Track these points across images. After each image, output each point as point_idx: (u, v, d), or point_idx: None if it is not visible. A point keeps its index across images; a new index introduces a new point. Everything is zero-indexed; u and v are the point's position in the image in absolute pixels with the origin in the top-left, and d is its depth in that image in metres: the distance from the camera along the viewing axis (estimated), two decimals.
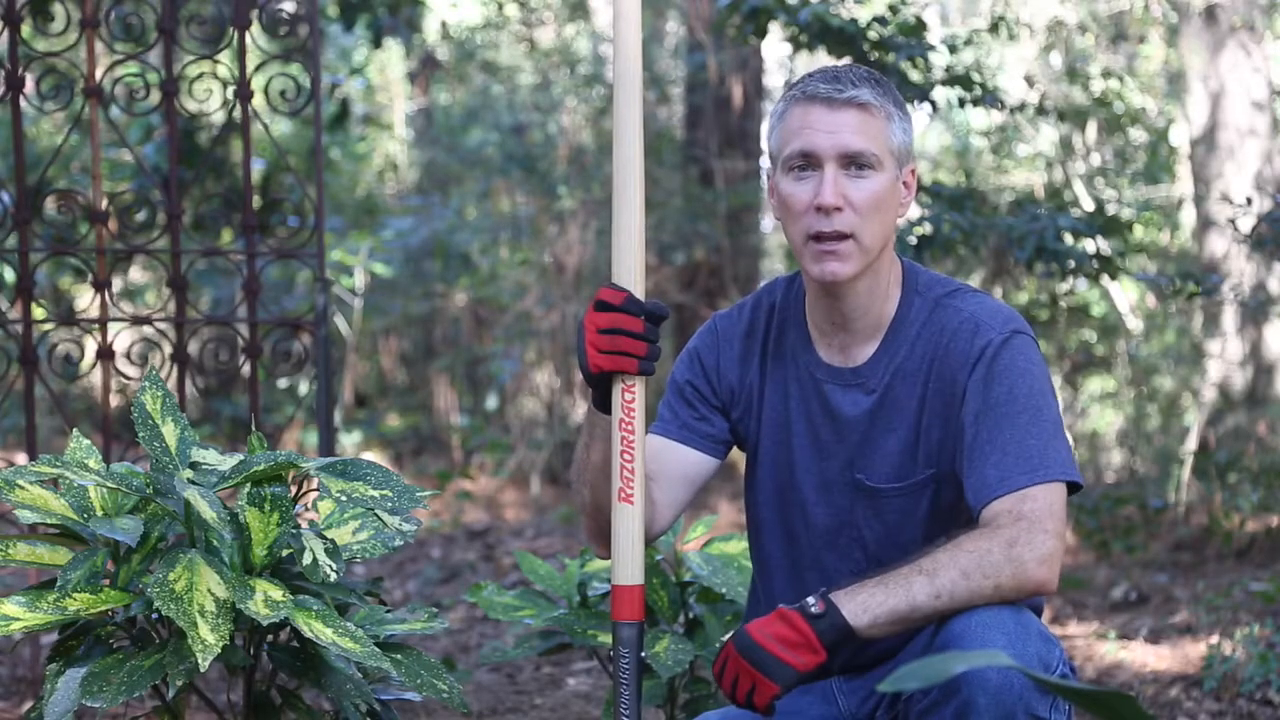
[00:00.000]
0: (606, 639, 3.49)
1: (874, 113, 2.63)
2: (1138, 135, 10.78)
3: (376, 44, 9.13)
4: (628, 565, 2.59)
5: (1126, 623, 5.65)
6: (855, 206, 2.61)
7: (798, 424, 2.79)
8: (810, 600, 2.49)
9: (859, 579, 2.53)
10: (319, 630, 2.67)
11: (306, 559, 2.77)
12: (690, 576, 3.56)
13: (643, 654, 2.56)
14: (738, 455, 2.93)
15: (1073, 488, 2.60)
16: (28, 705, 3.85)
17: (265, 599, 2.66)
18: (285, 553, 2.83)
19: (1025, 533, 2.50)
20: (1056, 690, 1.75)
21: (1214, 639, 4.89)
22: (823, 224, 2.62)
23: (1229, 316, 8.78)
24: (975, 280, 8.58)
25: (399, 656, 2.91)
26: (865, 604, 2.47)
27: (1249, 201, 6.14)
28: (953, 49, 6.19)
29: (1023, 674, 2.39)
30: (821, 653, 2.46)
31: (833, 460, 2.76)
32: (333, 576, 2.78)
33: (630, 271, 2.63)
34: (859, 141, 2.61)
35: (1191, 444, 8.07)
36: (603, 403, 2.70)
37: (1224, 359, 8.82)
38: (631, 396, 2.63)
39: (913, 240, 5.62)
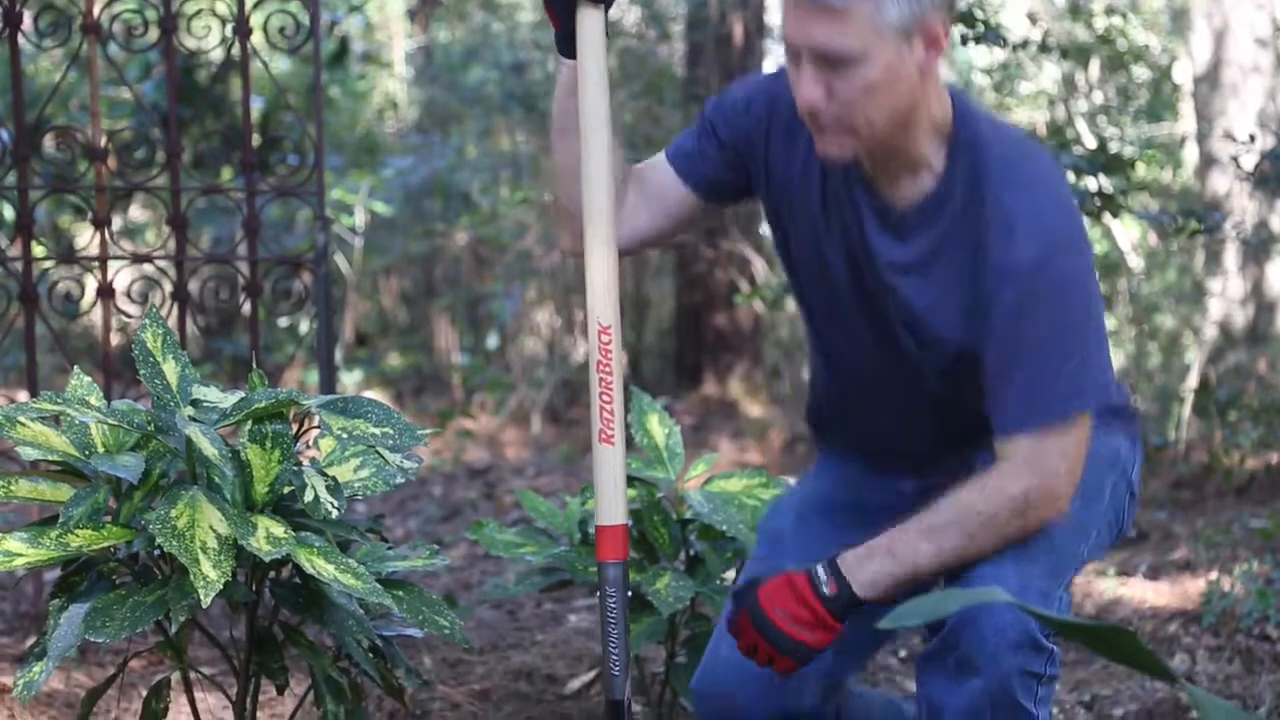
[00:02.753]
0: None
1: (852, 7, 2.40)
2: (1141, 73, 10.74)
3: None
4: (611, 505, 2.59)
5: (1126, 560, 5.67)
6: (841, 99, 2.45)
7: (833, 243, 2.69)
8: (821, 575, 2.52)
9: (871, 533, 2.56)
10: (321, 567, 2.68)
11: (308, 496, 2.77)
12: (691, 514, 3.57)
13: (629, 593, 2.57)
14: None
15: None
16: (31, 640, 3.87)
17: (267, 535, 2.67)
18: (287, 490, 2.84)
19: (1037, 491, 2.50)
20: (1058, 627, 1.75)
21: (1213, 575, 4.91)
22: (808, 119, 2.51)
23: (1231, 254, 8.78)
24: None
25: (400, 593, 2.92)
26: (874, 578, 2.51)
27: (1252, 139, 6.12)
28: None
29: (1021, 617, 2.41)
30: (836, 627, 2.51)
31: (860, 291, 2.69)
32: (334, 514, 2.79)
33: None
34: (833, 41, 2.41)
35: (1192, 382, 8.07)
36: (568, 48, 2.65)
37: (1225, 297, 8.82)
38: (609, 338, 2.63)
39: None
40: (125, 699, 3.77)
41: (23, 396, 2.91)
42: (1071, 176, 5.75)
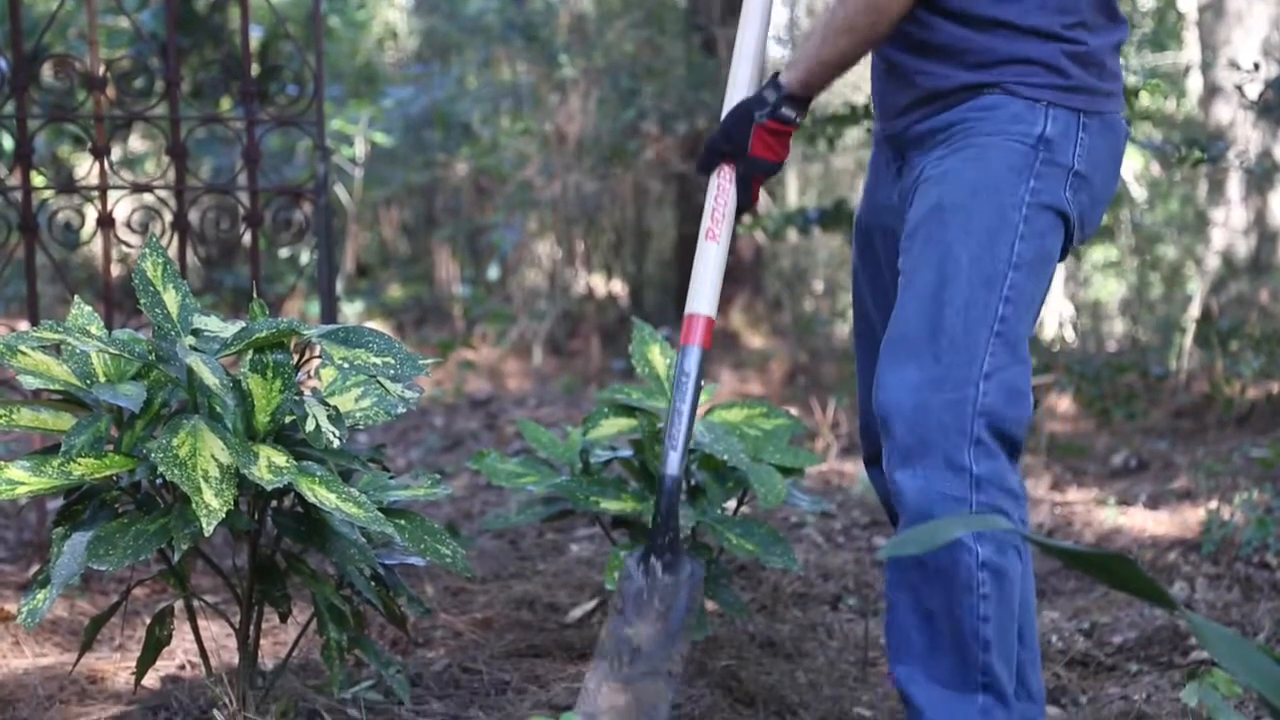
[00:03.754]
0: (608, 505, 3.51)
1: None
2: (1145, 1, 10.67)
3: None
4: (702, 296, 2.77)
5: (1126, 489, 5.69)
6: None
7: None
8: (769, 98, 2.77)
9: None
10: (322, 496, 2.69)
11: (309, 425, 2.78)
12: (692, 444, 3.57)
13: (700, 382, 2.78)
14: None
15: None
16: (34, 569, 3.89)
17: (269, 464, 2.67)
18: (288, 420, 2.84)
19: None
20: (1057, 554, 1.75)
21: (1213, 504, 4.93)
22: None
23: (1234, 184, 8.75)
24: None
25: (402, 522, 2.93)
26: (800, 77, 2.75)
27: (1256, 67, 6.08)
28: None
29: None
30: (793, 129, 2.80)
31: None
32: (336, 443, 2.80)
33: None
34: None
35: (1194, 312, 8.07)
36: None
37: (1228, 227, 8.80)
38: (725, 190, 2.82)
39: None
40: (129, 627, 3.79)
41: (24, 326, 2.91)
42: None
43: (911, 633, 2.58)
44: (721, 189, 2.81)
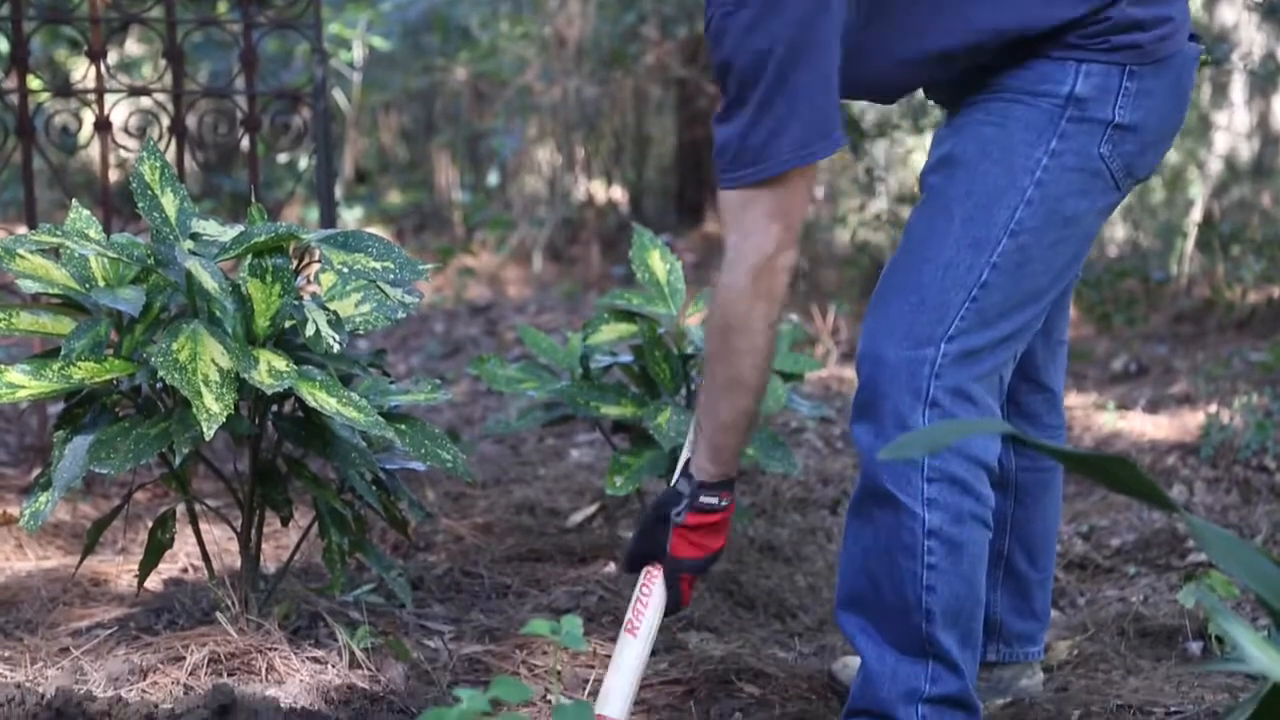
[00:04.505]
0: (608, 410, 3.52)
1: None
2: None
3: None
4: (612, 698, 2.58)
5: (1125, 393, 5.69)
6: None
7: None
8: (684, 494, 2.63)
9: None
10: (323, 400, 2.69)
11: (309, 330, 2.77)
12: (692, 349, 3.57)
13: None
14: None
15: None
16: (36, 472, 3.90)
17: (269, 369, 2.67)
18: (288, 324, 2.84)
19: (719, 306, 2.54)
20: (1057, 457, 1.76)
21: (1212, 408, 4.93)
22: None
23: (1237, 87, 8.69)
24: None
25: (403, 426, 2.93)
26: (711, 457, 2.61)
27: None
28: None
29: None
30: (727, 511, 2.64)
31: None
32: (336, 348, 2.79)
33: None
34: None
35: (1195, 216, 8.04)
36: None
37: (1231, 130, 8.75)
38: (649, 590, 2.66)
39: None
40: (131, 530, 3.81)
41: (22, 231, 2.90)
42: None
43: (864, 589, 2.56)
44: (645, 586, 2.64)
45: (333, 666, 2.88)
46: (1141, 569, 3.83)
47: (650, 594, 2.62)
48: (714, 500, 2.61)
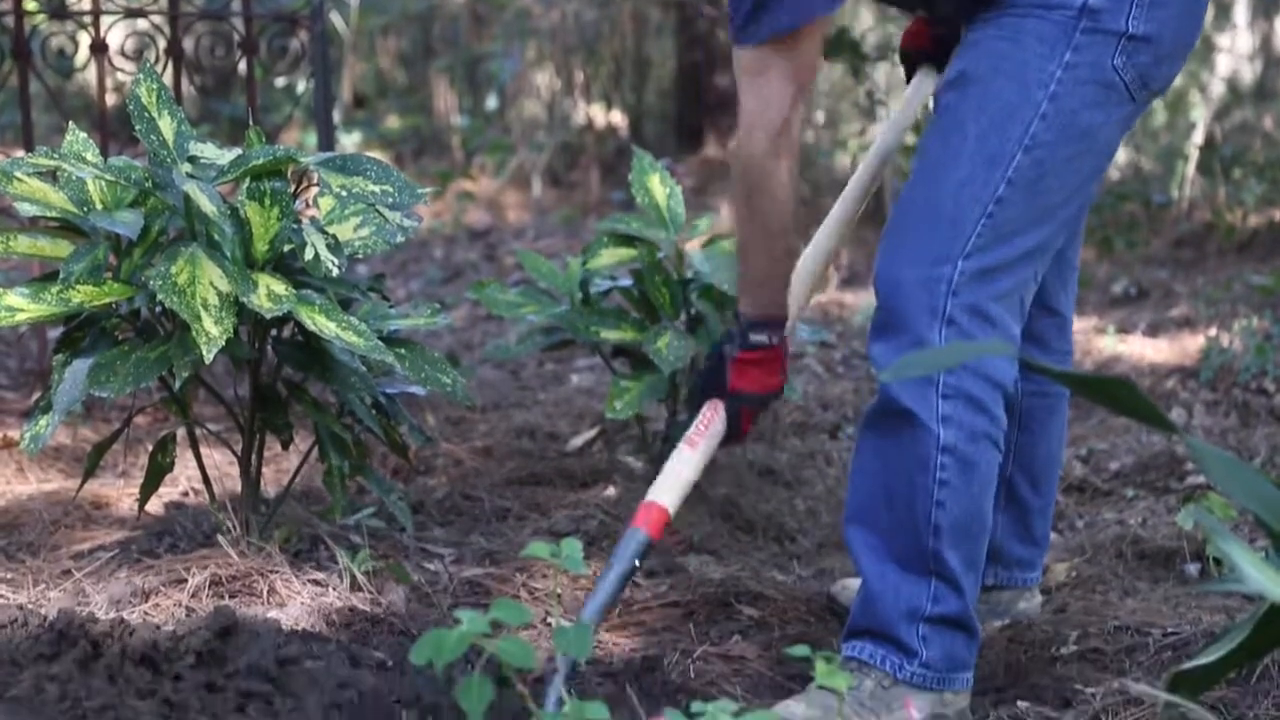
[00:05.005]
0: (608, 335, 3.51)
1: None
2: None
3: None
4: (663, 487, 2.64)
5: (1125, 317, 5.69)
6: None
7: None
8: (736, 339, 2.73)
9: None
10: (322, 324, 2.69)
11: (308, 254, 2.77)
12: (692, 274, 3.56)
13: (637, 561, 2.58)
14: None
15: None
16: (36, 395, 3.90)
17: (268, 293, 2.66)
18: (287, 248, 2.83)
19: (740, 172, 2.61)
20: (1059, 379, 1.76)
21: (1212, 331, 4.93)
22: None
23: (1240, 8, 8.64)
24: None
25: (402, 351, 2.93)
26: (750, 303, 2.72)
27: None
28: None
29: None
30: (778, 353, 2.73)
31: None
32: (335, 272, 2.79)
33: None
34: None
35: (1197, 139, 8.01)
36: None
37: (1233, 53, 8.70)
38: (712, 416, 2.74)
39: None
40: (132, 454, 3.81)
41: (19, 154, 2.89)
42: None
43: (874, 503, 2.57)
44: (705, 415, 2.73)
45: (333, 589, 2.89)
46: (1140, 492, 3.84)
47: (710, 422, 2.72)
48: (763, 338, 2.70)
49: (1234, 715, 2.51)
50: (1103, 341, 5.24)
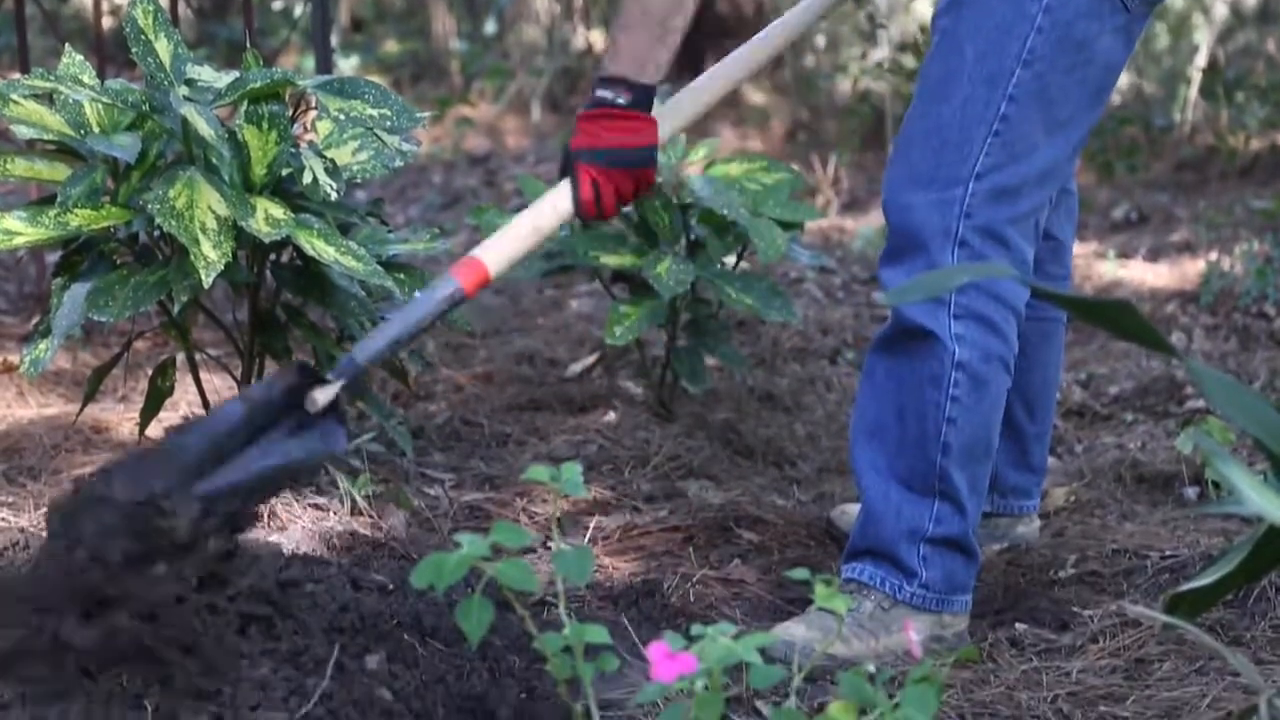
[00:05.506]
0: (608, 260, 3.51)
1: None
2: None
3: None
4: (488, 242, 2.48)
5: (1126, 242, 5.68)
6: None
7: None
8: (605, 94, 2.50)
9: None
10: (321, 249, 2.68)
11: (307, 178, 2.76)
12: (691, 199, 3.55)
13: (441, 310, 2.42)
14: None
15: None
16: (35, 319, 3.91)
17: (266, 217, 2.66)
18: (285, 172, 2.82)
19: None
20: (1059, 302, 1.76)
21: (1213, 256, 4.92)
22: None
23: None
24: None
25: (402, 276, 2.93)
26: (627, 55, 2.51)
27: None
28: None
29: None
30: (650, 119, 2.51)
31: None
32: (333, 196, 2.78)
33: None
34: None
35: (1200, 62, 7.96)
36: None
37: None
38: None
39: None
40: (131, 379, 3.82)
41: (15, 77, 2.88)
42: None
43: (883, 420, 2.57)
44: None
45: (334, 514, 2.90)
46: (1139, 416, 3.85)
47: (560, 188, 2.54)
48: (608, 94, 2.50)
49: (1231, 636, 2.52)
50: (1103, 266, 5.23)
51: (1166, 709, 2.29)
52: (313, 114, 2.99)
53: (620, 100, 2.50)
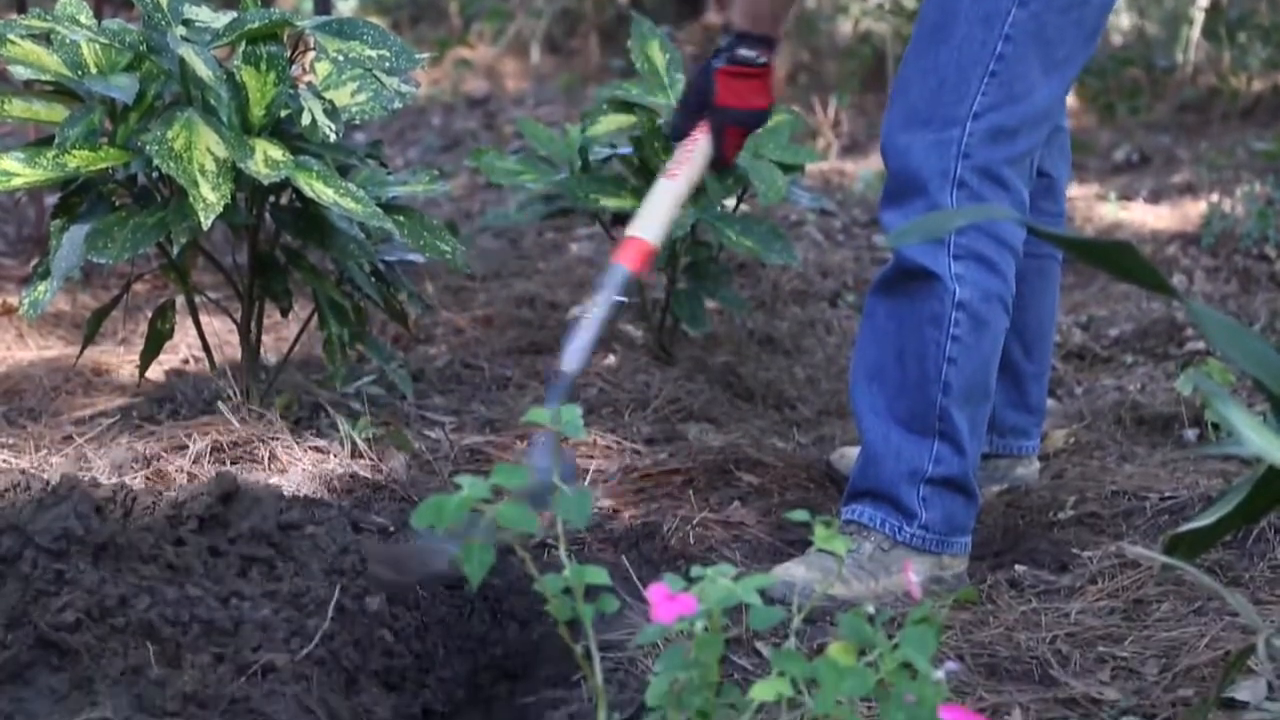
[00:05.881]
0: (608, 203, 3.50)
1: None
2: None
3: None
4: (644, 220, 2.59)
5: (1127, 184, 5.67)
6: None
7: None
8: (748, 54, 2.63)
9: None
10: (320, 190, 2.67)
11: (305, 119, 2.75)
12: None
13: (619, 301, 2.54)
14: None
15: None
16: (35, 261, 3.90)
17: (265, 159, 2.65)
18: (284, 114, 2.81)
19: None
20: (1060, 243, 1.75)
21: (1214, 197, 4.91)
22: None
23: None
24: None
25: (401, 218, 2.92)
26: (746, 11, 2.62)
27: None
28: None
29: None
30: (764, 71, 2.66)
31: None
32: (332, 137, 2.77)
33: None
34: None
35: (1202, 2, 7.92)
36: None
37: None
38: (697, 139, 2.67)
39: None
40: (131, 322, 3.81)
41: (12, 17, 2.87)
42: None
43: (884, 361, 2.57)
44: (689, 142, 2.67)
45: (335, 456, 2.90)
46: (1139, 358, 3.85)
47: (694, 146, 2.66)
48: (751, 54, 2.64)
49: (1230, 577, 2.53)
50: (1104, 208, 5.23)
51: (1165, 649, 2.30)
52: (311, 55, 2.98)
53: (762, 60, 2.64)
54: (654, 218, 2.59)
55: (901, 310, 2.54)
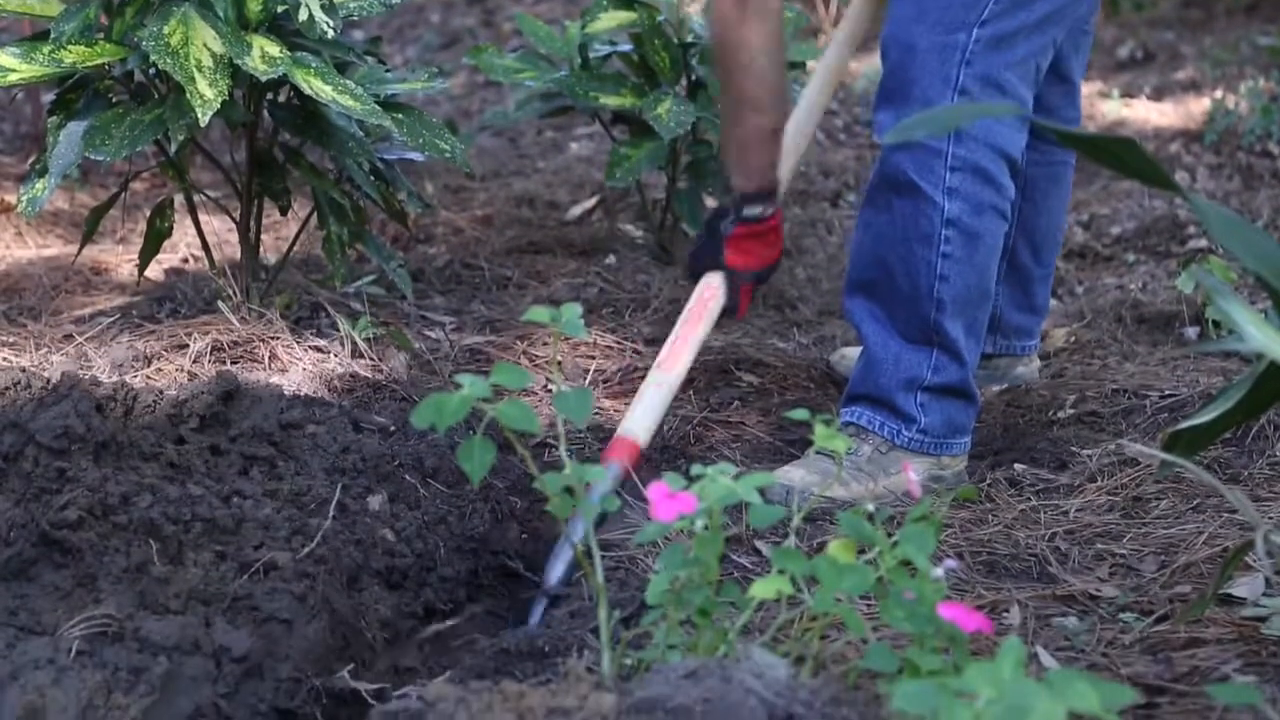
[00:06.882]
0: (607, 101, 3.47)
1: None
2: None
3: None
4: (634, 417, 2.46)
5: (1131, 81, 5.62)
6: None
7: None
8: (752, 212, 2.58)
9: None
10: (318, 88, 2.65)
11: (302, 15, 2.72)
12: (692, 38, 3.51)
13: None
14: None
15: None
16: (32, 159, 3.89)
17: (263, 55, 2.63)
18: (280, 9, 2.78)
19: (714, 34, 2.55)
20: (1062, 139, 1.74)
21: (1218, 94, 4.88)
22: None
23: None
24: None
25: (400, 116, 2.90)
26: (746, 170, 2.58)
27: None
28: None
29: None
30: (775, 224, 2.62)
31: None
32: (330, 33, 2.75)
33: None
34: None
35: None
36: None
37: None
38: (711, 294, 2.60)
39: None
40: (130, 220, 3.80)
41: None
42: None
43: (876, 276, 2.56)
44: (704, 291, 2.59)
45: (335, 356, 2.90)
46: (1140, 257, 3.84)
47: (708, 300, 2.59)
48: (757, 210, 2.59)
49: (1229, 474, 2.54)
50: (1107, 105, 5.19)
51: (1163, 546, 2.31)
52: None
53: (768, 213, 2.60)
54: (646, 417, 2.47)
55: (891, 226, 2.52)
